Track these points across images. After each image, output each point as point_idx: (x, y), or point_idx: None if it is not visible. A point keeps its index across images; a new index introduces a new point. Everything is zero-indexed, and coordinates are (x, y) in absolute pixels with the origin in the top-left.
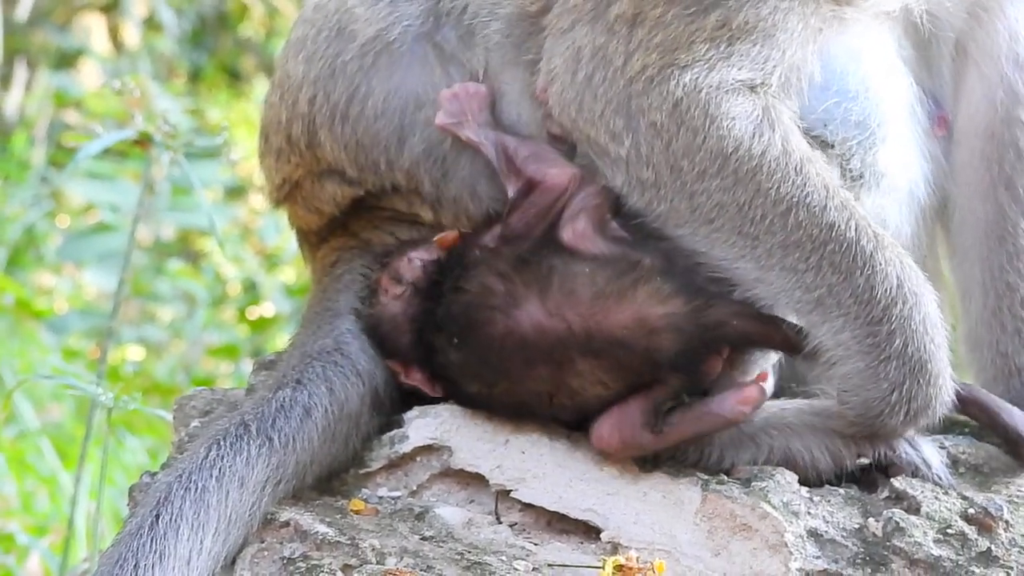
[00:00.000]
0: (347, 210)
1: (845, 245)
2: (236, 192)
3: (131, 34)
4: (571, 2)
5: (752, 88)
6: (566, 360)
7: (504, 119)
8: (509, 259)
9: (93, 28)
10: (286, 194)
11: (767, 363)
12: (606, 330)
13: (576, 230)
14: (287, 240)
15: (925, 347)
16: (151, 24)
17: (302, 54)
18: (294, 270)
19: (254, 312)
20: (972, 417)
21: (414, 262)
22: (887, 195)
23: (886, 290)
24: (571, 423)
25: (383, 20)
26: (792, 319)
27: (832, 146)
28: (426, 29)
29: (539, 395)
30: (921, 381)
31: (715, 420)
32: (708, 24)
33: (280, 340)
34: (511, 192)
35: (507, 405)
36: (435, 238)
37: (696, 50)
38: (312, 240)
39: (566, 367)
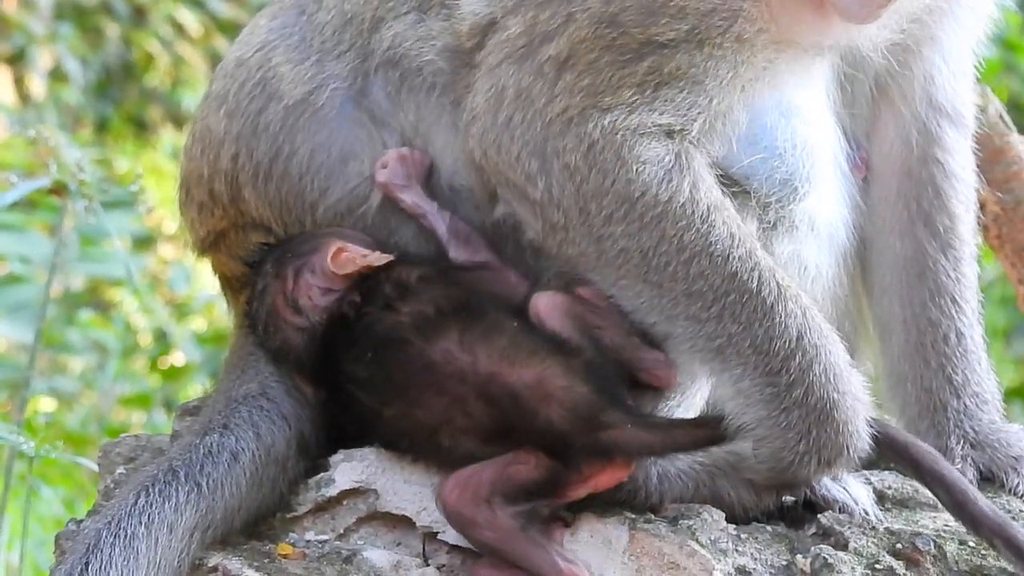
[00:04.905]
0: None
1: (746, 296)
2: (145, 242)
3: (37, 85)
4: (503, 35)
5: (669, 133)
6: (460, 396)
7: (439, 179)
8: (451, 299)
9: None
10: (211, 244)
11: None
12: (506, 380)
13: (555, 301)
14: (197, 289)
15: (828, 395)
16: (57, 75)
17: (223, 109)
18: (204, 319)
19: (165, 361)
20: (890, 460)
21: (312, 290)
22: (806, 240)
23: (785, 342)
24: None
25: (310, 81)
26: (696, 365)
27: (753, 198)
28: (355, 91)
29: (423, 428)
30: (828, 430)
31: (534, 560)
32: (640, 70)
33: (192, 389)
34: (458, 256)
35: (392, 430)
36: (365, 258)
37: (621, 94)
38: (235, 286)
39: (458, 403)
